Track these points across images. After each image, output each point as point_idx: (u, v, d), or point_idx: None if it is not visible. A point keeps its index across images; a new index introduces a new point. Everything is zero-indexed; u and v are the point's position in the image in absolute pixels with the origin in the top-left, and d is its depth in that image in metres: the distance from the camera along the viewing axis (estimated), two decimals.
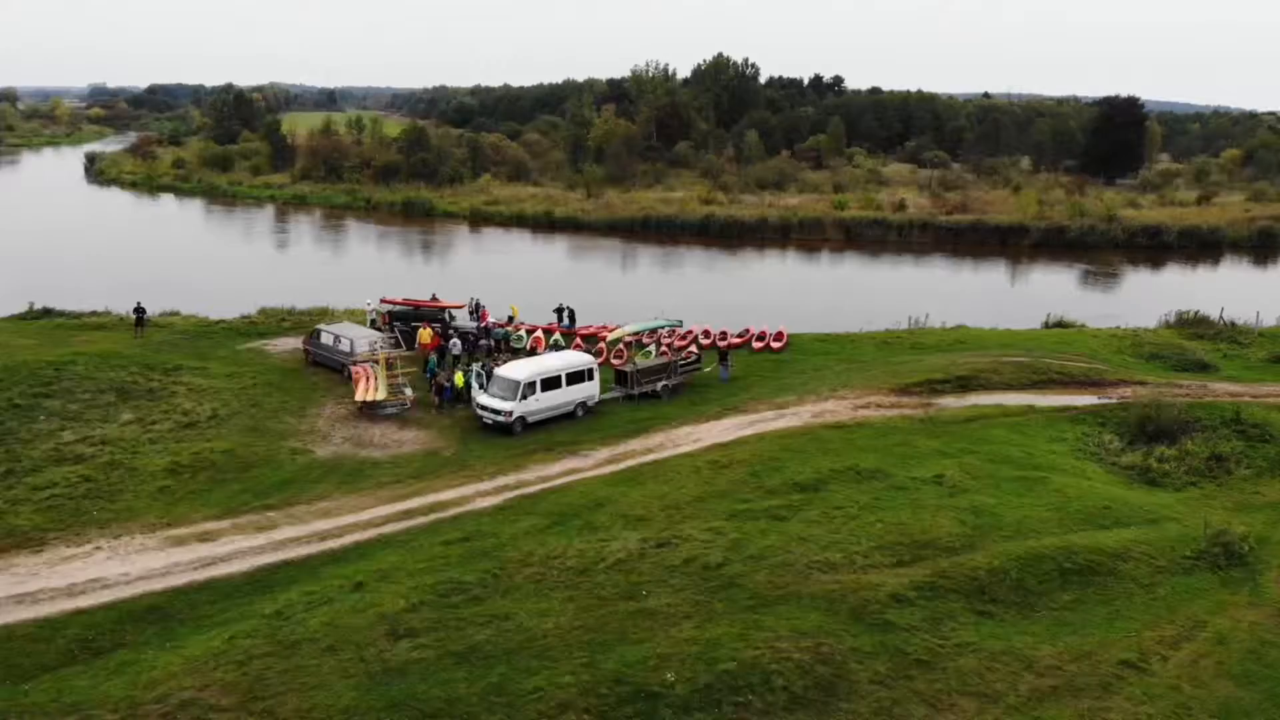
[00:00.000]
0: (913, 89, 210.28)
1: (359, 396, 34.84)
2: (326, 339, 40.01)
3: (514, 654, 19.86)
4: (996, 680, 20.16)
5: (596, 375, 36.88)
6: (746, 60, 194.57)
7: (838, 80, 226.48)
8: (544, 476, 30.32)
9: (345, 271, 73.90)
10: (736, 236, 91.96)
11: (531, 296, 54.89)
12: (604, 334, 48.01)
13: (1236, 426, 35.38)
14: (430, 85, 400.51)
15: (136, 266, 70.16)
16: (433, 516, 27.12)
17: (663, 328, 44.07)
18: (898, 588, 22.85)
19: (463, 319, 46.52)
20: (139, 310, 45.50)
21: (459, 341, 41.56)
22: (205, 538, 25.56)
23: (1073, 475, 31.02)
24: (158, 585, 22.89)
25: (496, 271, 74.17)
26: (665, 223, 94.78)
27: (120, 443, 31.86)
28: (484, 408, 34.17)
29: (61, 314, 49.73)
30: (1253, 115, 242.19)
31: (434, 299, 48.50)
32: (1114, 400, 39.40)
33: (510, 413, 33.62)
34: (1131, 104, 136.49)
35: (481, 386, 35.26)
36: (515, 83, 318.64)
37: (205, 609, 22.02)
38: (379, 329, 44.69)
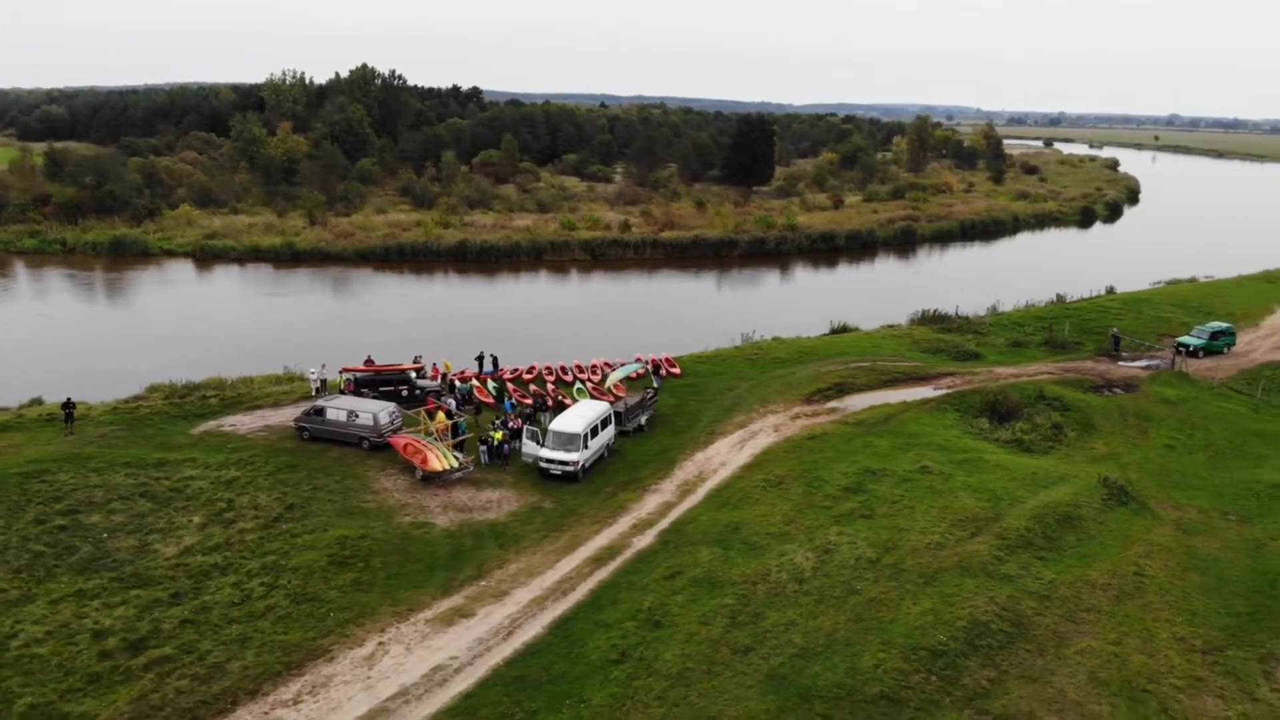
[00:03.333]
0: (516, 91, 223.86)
1: (433, 467, 37.36)
2: (335, 415, 41.03)
3: (833, 648, 26.71)
4: (1088, 599, 30.62)
5: (613, 420, 42.48)
6: (394, 72, 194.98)
7: (476, 91, 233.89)
8: (653, 513, 36.03)
9: (142, 330, 68.73)
10: (494, 261, 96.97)
11: (372, 343, 57.96)
12: (528, 377, 52.82)
13: (1044, 401, 49.70)
14: None
15: None
16: (620, 560, 32.06)
17: (638, 369, 50.10)
18: (989, 552, 32.61)
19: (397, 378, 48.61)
20: (68, 405, 42.29)
21: (453, 401, 44.36)
22: (464, 613, 28.52)
23: (989, 453, 42.87)
24: (495, 659, 26.10)
25: (303, 316, 73.32)
26: (420, 250, 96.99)
27: (231, 548, 32.17)
28: (550, 460, 38.52)
29: None
30: (820, 117, 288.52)
31: (369, 361, 49.86)
32: (948, 390, 52.48)
33: (576, 462, 38.43)
34: (763, 120, 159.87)
35: (539, 442, 39.40)
36: (99, 84, 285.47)
37: (551, 670, 25.82)
38: (338, 394, 45.81)
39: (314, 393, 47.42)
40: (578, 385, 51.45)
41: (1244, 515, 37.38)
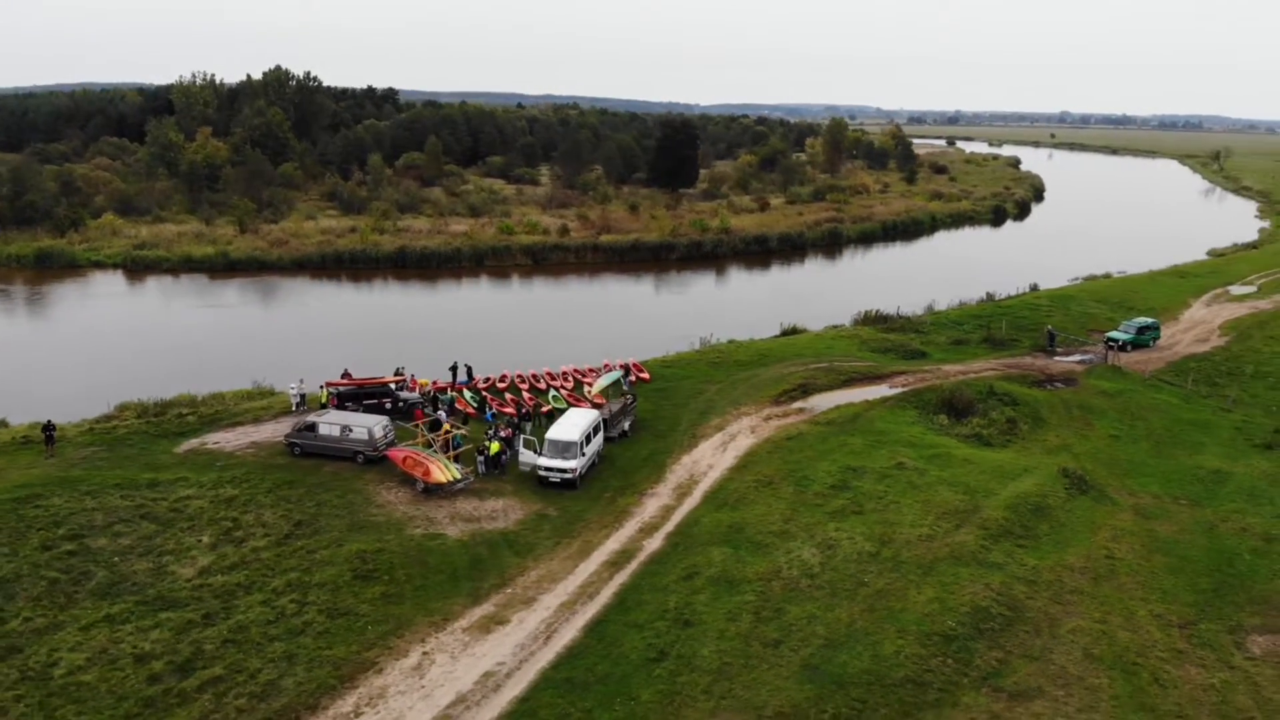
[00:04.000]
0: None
1: (436, 479, 37.99)
2: (329, 430, 41.23)
3: (854, 637, 28.59)
4: (1070, 582, 33.21)
5: (602, 427, 43.67)
6: (309, 73, 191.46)
7: (392, 91, 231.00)
8: (655, 516, 37.40)
9: (90, 346, 66.92)
10: (434, 266, 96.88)
11: (334, 355, 58.21)
12: (501, 386, 53.67)
13: (995, 397, 52.68)
14: None
15: None
16: (635, 563, 33.38)
17: (619, 376, 51.21)
18: (975, 542, 35.00)
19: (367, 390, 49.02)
20: (49, 427, 41.54)
21: (443, 413, 44.95)
22: (499, 620, 29.48)
23: (954, 448, 45.47)
24: (540, 663, 27.18)
25: (253, 328, 72.38)
26: (359, 257, 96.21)
27: (249, 567, 32.40)
28: (548, 468, 39.52)
29: None
30: (734, 119, 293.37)
31: (346, 374, 49.94)
32: (904, 388, 55.14)
33: (575, 469, 39.55)
34: (686, 124, 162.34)
35: (536, 451, 40.36)
36: None
37: (596, 671, 27.04)
38: (318, 408, 46.08)
39: (294, 407, 47.40)
40: (552, 393, 52.49)
41: (1193, 499, 40.67)
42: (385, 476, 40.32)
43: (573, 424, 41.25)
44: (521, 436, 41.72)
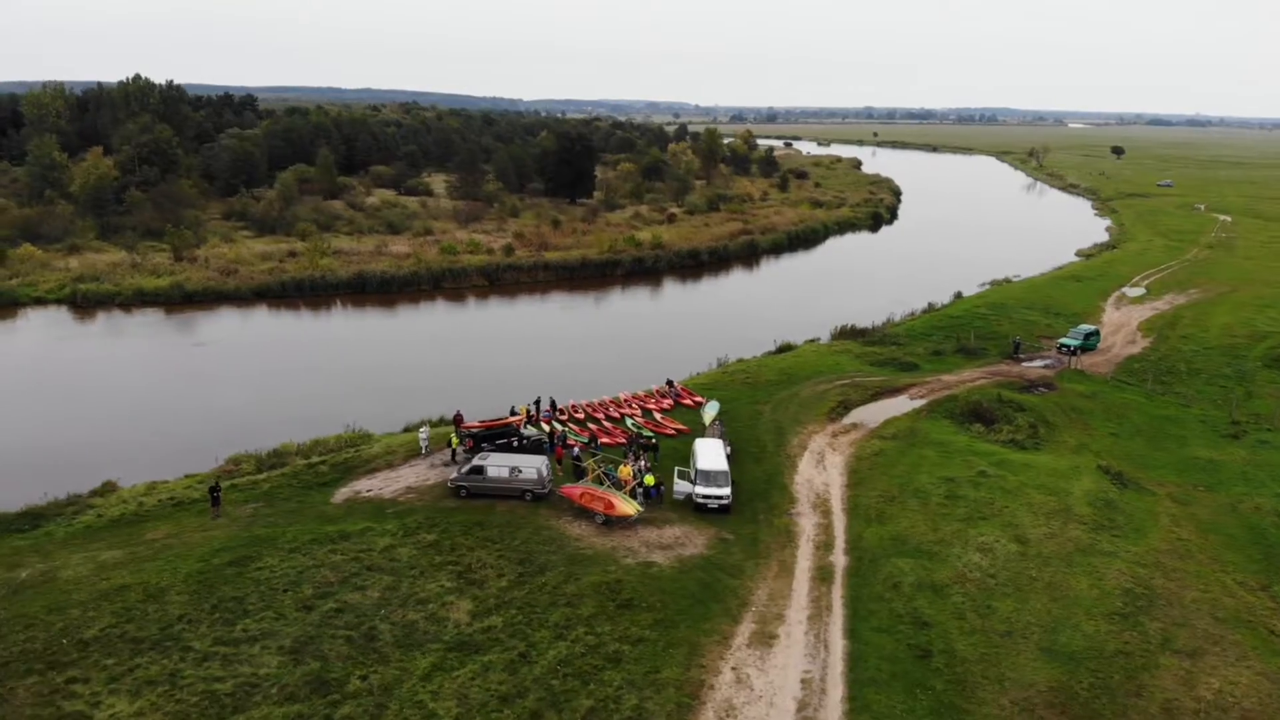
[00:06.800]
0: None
1: (624, 511, 41.97)
2: (498, 472, 44.31)
3: (1059, 623, 35.33)
4: (1166, 563, 41.22)
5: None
6: (171, 82, 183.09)
7: (251, 99, 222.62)
8: (819, 534, 42.88)
9: (111, 394, 65.25)
10: (394, 291, 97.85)
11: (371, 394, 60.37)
12: (579, 416, 57.62)
13: (1005, 404, 61.11)
14: None
15: None
16: (838, 576, 38.86)
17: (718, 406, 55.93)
18: (1085, 535, 42.64)
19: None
20: (216, 489, 42.63)
21: (577, 449, 48.67)
22: (769, 635, 34.30)
23: (1006, 454, 53.22)
24: (837, 668, 32.28)
25: (268, 365, 72.30)
26: (317, 284, 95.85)
27: (512, 606, 35.61)
28: (706, 496, 44.28)
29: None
30: (588, 122, 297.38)
31: (459, 417, 52.48)
32: (924, 400, 62.82)
33: (729, 495, 44.54)
34: (584, 138, 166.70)
35: (691, 480, 45.00)
36: None
37: (884, 670, 32.47)
38: (444, 448, 48.99)
39: (422, 451, 49.76)
40: (629, 421, 56.87)
41: (1207, 486, 49.96)
42: (559, 512, 43.84)
43: (717, 454, 46.21)
44: (676, 468, 46.23)
